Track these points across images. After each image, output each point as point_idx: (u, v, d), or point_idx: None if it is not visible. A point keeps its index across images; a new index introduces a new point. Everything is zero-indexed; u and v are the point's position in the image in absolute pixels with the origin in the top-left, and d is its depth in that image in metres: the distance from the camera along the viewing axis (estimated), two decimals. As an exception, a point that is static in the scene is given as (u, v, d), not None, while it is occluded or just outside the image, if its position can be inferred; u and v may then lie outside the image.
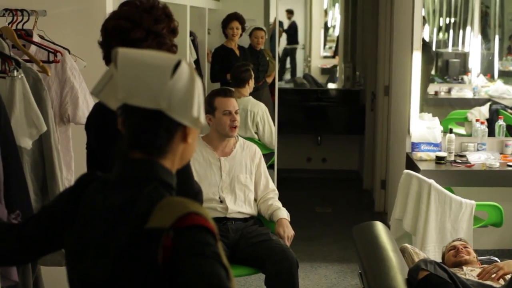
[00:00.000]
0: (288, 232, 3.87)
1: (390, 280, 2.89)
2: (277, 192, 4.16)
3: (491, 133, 5.41)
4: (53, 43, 3.29)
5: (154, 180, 1.59)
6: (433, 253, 4.54)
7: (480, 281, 3.18)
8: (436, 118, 5.26)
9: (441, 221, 4.51)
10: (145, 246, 1.50)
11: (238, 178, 3.99)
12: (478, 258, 3.75)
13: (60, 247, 1.71)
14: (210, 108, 3.95)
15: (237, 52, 6.75)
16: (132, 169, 1.62)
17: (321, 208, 7.09)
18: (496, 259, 3.88)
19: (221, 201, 3.93)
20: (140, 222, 1.52)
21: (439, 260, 4.08)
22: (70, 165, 3.32)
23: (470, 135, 5.41)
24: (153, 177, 1.60)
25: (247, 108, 5.57)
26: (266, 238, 3.81)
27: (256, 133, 5.70)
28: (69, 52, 3.29)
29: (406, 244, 3.63)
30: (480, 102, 6.08)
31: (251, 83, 5.78)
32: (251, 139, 5.58)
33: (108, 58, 2.33)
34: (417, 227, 4.55)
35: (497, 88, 6.25)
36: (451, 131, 5.16)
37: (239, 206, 3.96)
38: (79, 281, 1.64)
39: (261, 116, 5.66)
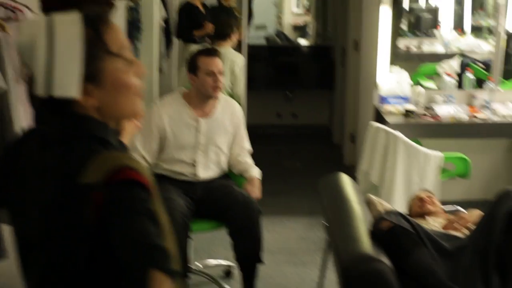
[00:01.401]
0: (256, 192, 3.82)
1: (353, 231, 2.86)
2: (251, 150, 4.10)
3: (461, 86, 5.40)
4: (13, 0, 3.17)
5: (88, 135, 1.53)
6: (400, 204, 4.54)
7: (443, 231, 3.17)
8: (405, 72, 5.23)
9: (408, 173, 4.50)
10: (75, 203, 1.45)
11: (215, 140, 3.86)
12: (444, 208, 3.75)
13: (3, 204, 1.66)
14: (192, 67, 3.79)
15: (202, 9, 6.76)
16: (65, 124, 1.54)
17: (290, 162, 7.08)
18: (461, 209, 3.88)
19: (193, 164, 3.84)
20: (72, 178, 1.45)
21: (405, 211, 4.08)
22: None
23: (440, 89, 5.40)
24: (87, 132, 1.54)
25: (227, 57, 5.47)
26: (229, 190, 3.76)
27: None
28: (30, 10, 3.17)
29: (371, 196, 3.61)
30: (451, 57, 6.04)
31: (234, 38, 5.72)
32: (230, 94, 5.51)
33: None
34: (384, 179, 4.55)
35: (468, 43, 6.22)
36: (419, 84, 5.13)
37: (211, 170, 3.88)
38: (16, 238, 1.59)
39: (240, 67, 5.60)
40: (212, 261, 4.36)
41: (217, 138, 3.87)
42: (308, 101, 8.39)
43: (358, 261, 2.61)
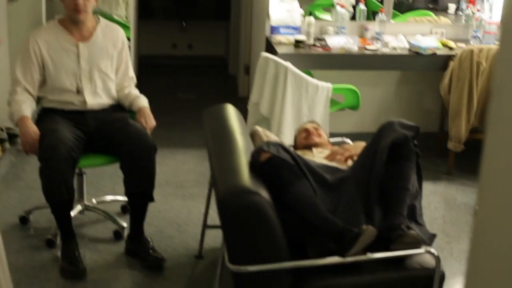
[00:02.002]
0: (150, 122, 3.69)
1: (232, 162, 2.78)
2: (135, 80, 3.93)
3: (353, 17, 5.35)
4: None
5: None
6: (289, 136, 4.50)
7: (326, 163, 3.13)
8: (296, 1, 5.12)
9: (297, 105, 4.45)
10: None
11: (98, 65, 3.70)
12: (331, 140, 3.72)
13: None
14: None
15: None
16: None
17: (185, 94, 6.93)
18: (348, 140, 3.87)
19: (78, 91, 3.65)
20: None
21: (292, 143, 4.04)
22: None
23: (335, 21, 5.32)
24: None
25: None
26: (123, 123, 3.60)
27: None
28: None
29: (257, 127, 3.53)
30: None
31: None
32: (117, 21, 5.27)
33: None
34: (274, 111, 4.48)
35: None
36: (311, 14, 5.04)
37: (99, 97, 3.71)
38: None
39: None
40: (109, 197, 4.21)
41: (100, 63, 3.71)
42: (204, 31, 8.19)
43: (234, 194, 2.53)
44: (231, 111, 3.46)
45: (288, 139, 4.50)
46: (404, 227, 2.68)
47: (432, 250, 2.66)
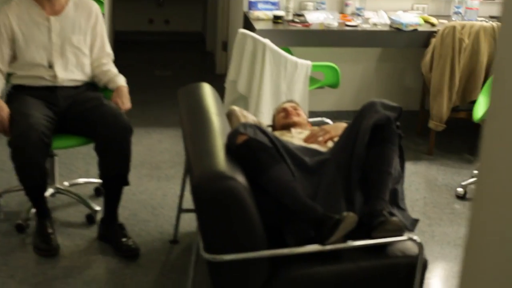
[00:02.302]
0: (126, 103, 3.55)
1: (208, 145, 2.66)
2: (112, 56, 3.78)
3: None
4: None
5: None
6: (268, 115, 4.38)
7: (305, 145, 3.02)
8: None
9: (276, 83, 4.34)
10: None
11: (70, 40, 3.56)
12: (310, 119, 3.61)
13: None
14: None
15: None
16: None
17: (161, 71, 6.77)
18: (328, 120, 3.75)
19: (50, 66, 3.51)
20: None
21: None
22: None
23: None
24: None
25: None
26: (97, 103, 3.46)
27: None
28: None
29: (234, 107, 3.40)
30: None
31: None
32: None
33: None
34: (252, 89, 4.36)
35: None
36: (290, -11, 4.90)
37: (71, 72, 3.57)
38: None
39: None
40: (82, 180, 4.08)
41: (73, 37, 3.58)
42: (181, 6, 8.01)
43: (209, 179, 2.41)
44: (207, 90, 3.33)
45: (266, 118, 4.38)
46: (386, 213, 2.58)
47: (415, 237, 2.57)
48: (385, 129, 2.74)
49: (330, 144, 3.15)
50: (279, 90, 4.37)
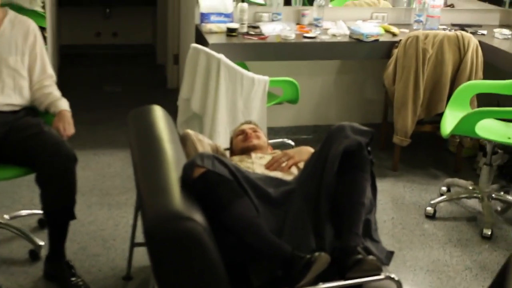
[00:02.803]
0: (68, 129, 3.23)
1: (161, 178, 2.38)
2: (55, 78, 3.47)
3: (289, 2, 4.99)
4: None
5: None
6: (225, 135, 4.14)
7: (268, 174, 2.77)
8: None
9: (232, 100, 4.08)
10: None
11: (7, 61, 3.26)
12: (271, 141, 3.36)
13: None
14: None
15: None
16: None
17: (111, 86, 6.46)
18: (290, 142, 3.53)
19: None
20: None
21: (227, 146, 3.67)
22: None
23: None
24: None
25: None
26: (37, 130, 3.13)
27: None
28: None
29: (189, 131, 3.13)
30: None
31: None
32: (31, 12, 4.73)
33: None
34: (206, 107, 4.10)
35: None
36: (243, 0, 4.66)
37: (8, 97, 3.26)
38: None
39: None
40: (24, 212, 3.75)
41: (9, 58, 3.28)
42: (129, 18, 7.70)
43: (163, 221, 2.13)
44: (159, 114, 3.05)
45: (222, 138, 4.13)
46: (360, 249, 2.34)
47: (393, 275, 2.33)
48: (356, 155, 2.51)
49: (294, 170, 2.92)
50: (235, 108, 4.12)
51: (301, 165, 2.97)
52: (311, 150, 2.94)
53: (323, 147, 2.56)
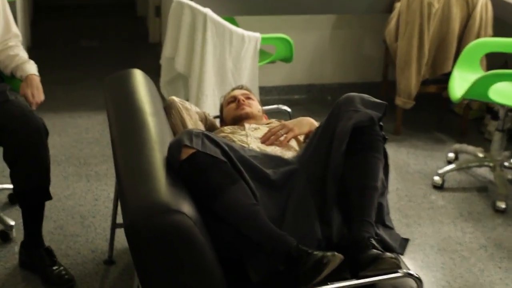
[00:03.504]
0: (38, 96, 2.86)
1: (144, 160, 2.05)
2: (20, 38, 3.08)
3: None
4: None
5: None
6: (212, 98, 3.81)
7: (265, 149, 2.44)
8: None
9: (220, 59, 3.74)
10: None
11: None
12: (264, 108, 3.02)
13: None
14: None
15: None
16: None
17: (88, 41, 6.06)
18: (286, 108, 3.19)
19: None
20: None
21: (215, 111, 3.34)
22: None
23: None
24: None
25: None
26: (2, 99, 2.75)
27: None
28: None
29: (173, 98, 2.77)
30: None
31: None
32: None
33: None
34: (192, 67, 3.76)
35: None
36: None
37: None
38: None
39: None
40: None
41: None
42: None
43: (147, 215, 1.81)
44: (139, 80, 2.70)
45: (210, 102, 3.80)
46: (375, 242, 2.03)
47: (412, 272, 2.03)
48: (367, 132, 2.18)
49: (293, 143, 2.59)
50: (224, 68, 3.78)
51: (302, 138, 2.65)
52: (312, 121, 2.60)
53: (329, 122, 2.23)
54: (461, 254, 3.06)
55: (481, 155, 3.74)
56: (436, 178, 3.63)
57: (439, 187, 3.61)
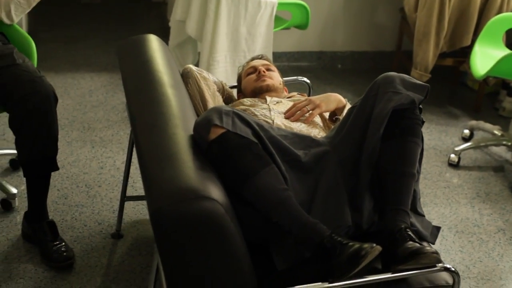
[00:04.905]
0: None
1: (168, 141, 1.92)
2: None
3: None
4: None
5: None
6: (224, 65, 3.67)
7: (291, 127, 2.31)
8: None
9: (234, 25, 3.60)
10: None
11: None
12: (286, 79, 2.88)
13: None
14: None
15: None
16: None
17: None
18: (305, 80, 3.04)
19: None
20: None
21: (233, 79, 3.21)
22: None
23: None
24: None
25: None
26: (9, 62, 2.60)
27: None
28: None
29: (191, 66, 2.63)
30: None
31: None
32: None
33: None
34: (204, 31, 3.62)
35: None
36: None
37: None
38: None
39: None
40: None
41: None
42: None
43: (175, 202, 1.69)
44: (155, 47, 2.56)
45: (222, 68, 3.66)
46: (412, 234, 1.93)
47: (449, 266, 1.92)
48: (407, 116, 2.05)
49: (318, 120, 2.47)
50: (238, 33, 3.63)
51: (327, 115, 2.53)
52: (340, 98, 2.48)
53: (366, 102, 2.09)
54: (480, 237, 2.97)
55: (498, 133, 3.64)
56: (453, 155, 3.52)
57: (454, 165, 3.51)
